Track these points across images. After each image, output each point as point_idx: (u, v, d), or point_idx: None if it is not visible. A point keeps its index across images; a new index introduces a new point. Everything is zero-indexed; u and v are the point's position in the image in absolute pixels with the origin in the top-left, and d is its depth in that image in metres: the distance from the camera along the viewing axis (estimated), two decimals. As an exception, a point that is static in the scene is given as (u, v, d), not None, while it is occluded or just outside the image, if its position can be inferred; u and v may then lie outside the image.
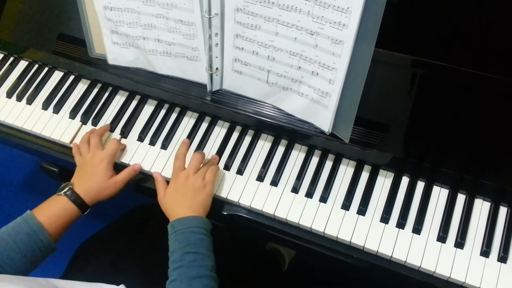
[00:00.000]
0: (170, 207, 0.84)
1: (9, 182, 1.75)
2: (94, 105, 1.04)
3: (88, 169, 0.89)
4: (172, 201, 0.85)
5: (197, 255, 0.76)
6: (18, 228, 0.78)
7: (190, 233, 0.78)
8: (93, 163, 0.89)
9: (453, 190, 0.87)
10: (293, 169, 0.92)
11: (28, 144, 1.03)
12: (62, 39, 1.05)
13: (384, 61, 0.84)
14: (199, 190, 0.85)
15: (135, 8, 0.88)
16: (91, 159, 0.90)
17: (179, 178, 0.86)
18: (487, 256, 0.80)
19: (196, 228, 0.79)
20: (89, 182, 0.87)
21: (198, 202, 0.84)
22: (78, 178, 0.88)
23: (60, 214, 0.83)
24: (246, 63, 0.88)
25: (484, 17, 0.81)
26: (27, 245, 0.77)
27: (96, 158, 0.89)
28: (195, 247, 0.76)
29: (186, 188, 0.85)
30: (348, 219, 0.85)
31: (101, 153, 0.90)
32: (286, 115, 0.91)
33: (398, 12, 0.81)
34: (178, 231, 0.79)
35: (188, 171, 0.87)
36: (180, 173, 0.87)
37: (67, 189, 0.85)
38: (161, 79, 0.98)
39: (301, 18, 0.75)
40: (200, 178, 0.86)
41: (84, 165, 0.90)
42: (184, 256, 0.75)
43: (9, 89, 1.08)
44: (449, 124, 0.84)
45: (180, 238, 0.78)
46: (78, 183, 0.87)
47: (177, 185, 0.86)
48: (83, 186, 0.86)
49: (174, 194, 0.85)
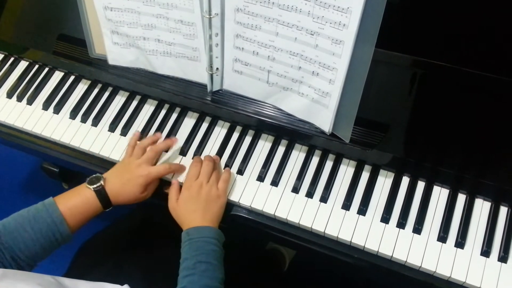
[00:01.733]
0: (183, 216, 0.84)
1: (10, 182, 1.75)
2: (95, 105, 1.04)
3: (127, 175, 0.86)
4: (186, 209, 0.84)
5: (209, 265, 0.76)
6: (39, 218, 0.77)
7: (204, 243, 0.78)
8: (135, 173, 0.86)
9: (454, 190, 0.87)
10: (294, 169, 0.92)
11: (28, 144, 1.03)
12: (63, 40, 1.05)
13: (385, 61, 0.84)
14: (213, 200, 0.85)
15: (135, 8, 0.88)
16: (135, 168, 0.87)
17: (193, 187, 0.86)
18: (488, 256, 0.80)
19: (210, 239, 0.79)
20: (122, 188, 0.85)
21: (213, 212, 0.84)
22: (113, 178, 0.86)
23: (83, 208, 0.81)
24: (246, 63, 0.88)
25: (484, 17, 0.81)
26: (45, 236, 0.76)
27: (140, 171, 0.86)
28: (207, 257, 0.77)
29: (200, 197, 0.84)
30: (348, 219, 0.85)
31: (146, 170, 0.87)
32: (286, 115, 0.91)
33: (399, 12, 0.81)
34: (193, 240, 0.79)
35: (201, 180, 0.86)
36: (194, 182, 0.86)
37: (98, 185, 0.83)
38: (161, 79, 0.98)
39: (301, 18, 0.76)
40: (214, 188, 0.86)
41: (126, 169, 0.87)
42: (197, 265, 0.75)
43: (9, 89, 1.08)
44: (450, 124, 0.84)
45: (194, 247, 0.78)
46: (112, 182, 0.85)
47: (191, 193, 0.85)
48: (115, 188, 0.85)
49: (188, 202, 0.85)
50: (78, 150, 1.00)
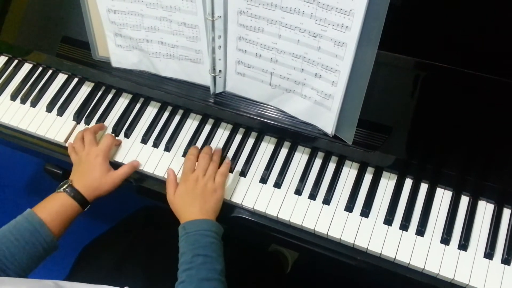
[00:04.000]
0: (180, 209, 0.85)
1: (13, 184, 1.76)
2: (98, 107, 1.05)
3: (84, 166, 0.89)
4: (183, 203, 0.85)
5: (207, 258, 0.76)
6: (20, 226, 0.78)
7: (201, 236, 0.78)
8: (89, 159, 0.90)
9: (457, 192, 0.86)
10: (296, 171, 0.92)
11: (32, 146, 1.04)
12: (66, 42, 1.05)
13: (387, 63, 0.84)
14: (210, 193, 0.85)
15: (138, 11, 0.89)
16: (86, 156, 0.90)
17: (189, 180, 0.86)
18: (491, 258, 0.80)
19: (207, 232, 0.79)
20: (87, 177, 0.88)
21: (209, 205, 0.84)
22: (76, 175, 0.89)
23: (60, 210, 0.83)
24: (249, 65, 0.88)
25: (486, 19, 0.81)
26: (30, 243, 0.77)
27: (92, 154, 0.90)
28: (205, 249, 0.77)
29: (196, 191, 0.85)
30: (351, 221, 0.85)
31: (96, 149, 0.91)
32: (289, 117, 0.91)
33: (401, 14, 0.81)
34: (189, 233, 0.79)
35: (197, 173, 0.87)
36: (190, 175, 0.87)
37: (66, 186, 0.85)
38: (164, 81, 0.98)
39: (304, 20, 0.76)
40: (211, 181, 0.86)
41: (81, 163, 0.91)
42: (194, 259, 0.75)
43: (13, 91, 1.09)
44: (452, 126, 0.84)
45: (190, 240, 0.78)
46: (77, 179, 0.87)
47: (187, 187, 0.86)
48: (81, 182, 0.87)
49: (184, 196, 0.85)
50: (81, 152, 1.00)
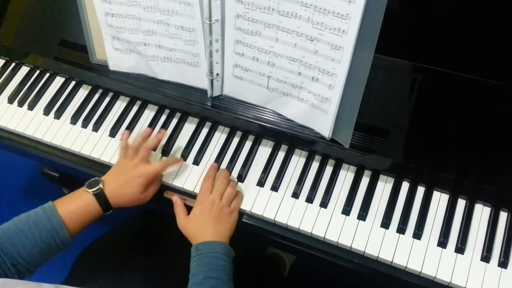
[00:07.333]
0: (194, 231, 0.83)
1: (10, 187, 1.75)
2: (95, 110, 1.04)
3: (124, 177, 0.86)
4: (198, 225, 0.84)
5: (218, 281, 0.75)
6: (39, 222, 0.77)
7: (213, 258, 0.78)
8: (132, 174, 0.86)
9: (454, 195, 0.87)
10: (294, 174, 0.92)
11: (29, 149, 1.04)
12: (64, 45, 1.05)
13: (384, 67, 0.84)
14: (225, 217, 0.85)
15: (136, 14, 0.89)
16: (131, 169, 0.87)
17: (205, 202, 0.85)
18: (488, 261, 0.80)
19: (220, 254, 0.78)
20: (121, 190, 0.85)
21: (224, 228, 0.84)
22: (111, 180, 0.86)
23: (83, 212, 0.81)
24: (246, 69, 0.88)
25: (484, 23, 0.81)
26: (45, 240, 0.76)
27: (137, 171, 0.86)
28: (216, 272, 0.76)
29: (212, 213, 0.84)
30: (348, 224, 0.85)
31: (143, 168, 0.87)
32: (286, 120, 0.91)
33: (398, 18, 0.81)
34: (202, 255, 0.78)
35: (214, 196, 0.86)
36: (207, 198, 0.86)
37: (97, 188, 0.83)
38: (161, 84, 0.98)
39: (301, 24, 0.76)
40: (227, 205, 0.86)
41: (123, 171, 0.87)
42: (205, 281, 0.75)
43: (10, 94, 1.09)
44: (449, 130, 0.84)
45: (203, 262, 0.77)
46: (110, 185, 0.85)
47: (203, 209, 0.85)
48: (114, 191, 0.84)
49: (199, 218, 0.84)
50: (79, 155, 1.00)
